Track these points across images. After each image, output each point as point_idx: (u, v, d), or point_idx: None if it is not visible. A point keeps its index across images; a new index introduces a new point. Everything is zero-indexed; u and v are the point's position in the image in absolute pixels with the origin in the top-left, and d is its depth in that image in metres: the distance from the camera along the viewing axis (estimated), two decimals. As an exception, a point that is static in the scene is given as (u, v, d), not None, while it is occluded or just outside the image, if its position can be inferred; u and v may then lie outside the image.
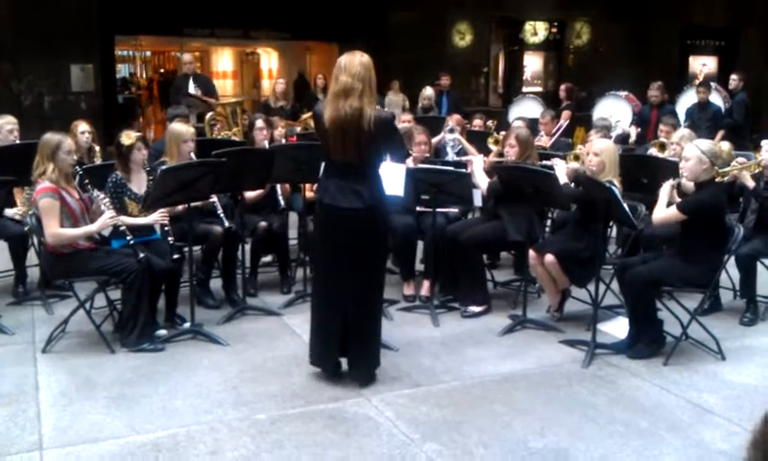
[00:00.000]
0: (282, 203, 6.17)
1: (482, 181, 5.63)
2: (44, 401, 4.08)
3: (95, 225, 4.77)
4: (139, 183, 5.19)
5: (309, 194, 6.03)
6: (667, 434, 3.78)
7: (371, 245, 4.13)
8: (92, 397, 4.13)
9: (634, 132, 9.30)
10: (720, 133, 8.85)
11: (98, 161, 6.63)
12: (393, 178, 4.94)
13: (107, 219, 4.75)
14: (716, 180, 4.90)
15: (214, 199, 5.36)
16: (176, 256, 5.07)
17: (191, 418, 3.88)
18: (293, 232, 6.66)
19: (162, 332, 5.00)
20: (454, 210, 6.09)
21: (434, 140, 6.98)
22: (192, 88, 9.36)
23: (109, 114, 11.93)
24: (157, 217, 5.02)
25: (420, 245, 6.22)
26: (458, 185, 5.46)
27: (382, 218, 4.20)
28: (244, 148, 6.35)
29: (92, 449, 3.56)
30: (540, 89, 14.99)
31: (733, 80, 10.77)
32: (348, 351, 4.26)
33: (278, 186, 6.09)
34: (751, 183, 5.61)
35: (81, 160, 5.70)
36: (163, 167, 5.00)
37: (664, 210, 4.80)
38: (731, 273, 5.77)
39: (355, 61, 3.98)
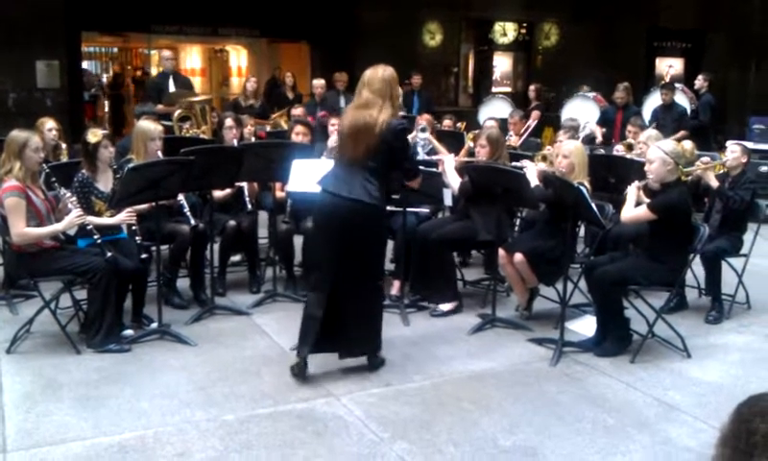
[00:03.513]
0: (249, 205, 6.13)
1: (453, 181, 5.65)
2: (8, 403, 4.01)
3: (62, 224, 4.70)
4: (106, 182, 5.13)
5: (279, 193, 6.01)
6: (634, 431, 3.83)
7: (371, 239, 4.25)
8: (58, 398, 4.07)
9: (599, 132, 9.39)
10: (681, 133, 8.97)
11: (64, 159, 6.54)
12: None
13: (73, 218, 4.68)
14: (681, 179, 4.98)
15: (181, 198, 5.31)
16: (143, 256, 5.02)
17: (158, 419, 3.85)
18: (262, 231, 6.62)
19: (129, 333, 4.94)
20: (424, 210, 6.10)
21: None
22: (172, 87, 9.26)
23: (75, 111, 11.76)
24: (125, 217, 4.97)
25: (390, 244, 6.23)
26: (429, 185, 5.47)
27: (383, 215, 4.36)
28: (213, 146, 6.31)
29: (58, 451, 3.51)
30: (509, 90, 15.08)
31: (698, 81, 10.94)
32: (339, 339, 4.32)
33: (245, 187, 6.05)
34: (715, 183, 5.70)
35: (46, 158, 5.62)
36: (130, 165, 4.95)
37: (634, 210, 4.86)
38: (696, 272, 5.87)
39: (377, 77, 4.19)
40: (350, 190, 4.11)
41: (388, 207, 5.80)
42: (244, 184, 6.00)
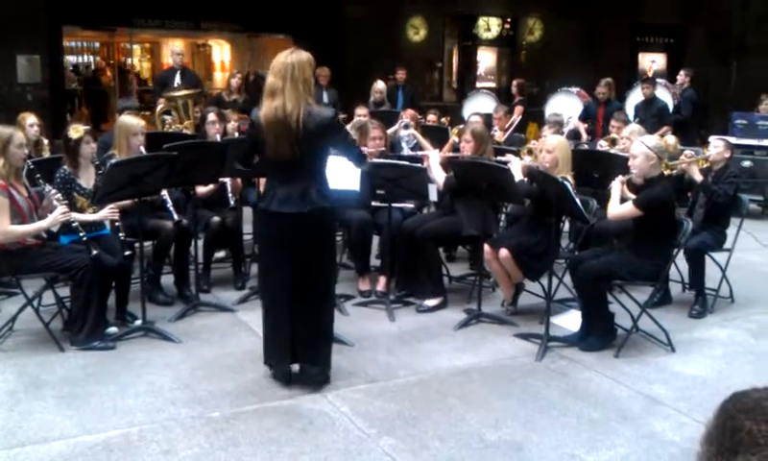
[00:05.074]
0: (232, 201, 6.11)
1: (439, 176, 5.65)
2: (-10, 402, 3.97)
3: (46, 221, 4.65)
4: (88, 178, 5.09)
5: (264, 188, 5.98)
6: (619, 425, 3.85)
7: (319, 247, 4.08)
8: (41, 396, 4.03)
9: (582, 127, 9.42)
10: (664, 128, 9.03)
11: (46, 155, 6.47)
12: (348, 172, 4.92)
13: (58, 215, 4.63)
14: (665, 172, 5.01)
15: (164, 193, 5.28)
16: (127, 253, 4.99)
17: (143, 417, 3.82)
18: (247, 227, 6.58)
19: (113, 330, 4.90)
20: (410, 205, 6.10)
21: (389, 132, 6.97)
22: (178, 82, 9.20)
23: (56, 106, 11.65)
24: (107, 213, 4.93)
25: (376, 240, 6.23)
26: (414, 180, 5.46)
27: (329, 219, 4.15)
28: (196, 141, 6.27)
29: (42, 450, 3.47)
30: (493, 85, 15.11)
31: (680, 76, 11.01)
32: (297, 354, 4.19)
33: (228, 184, 6.03)
34: (699, 178, 5.74)
35: (28, 154, 5.56)
36: (112, 161, 4.92)
37: (620, 206, 4.88)
38: (680, 266, 5.91)
39: (280, 59, 3.95)
40: (294, 204, 3.95)
41: (373, 203, 5.84)
42: (227, 180, 5.98)
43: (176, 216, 5.38)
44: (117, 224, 5.01)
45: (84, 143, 5.04)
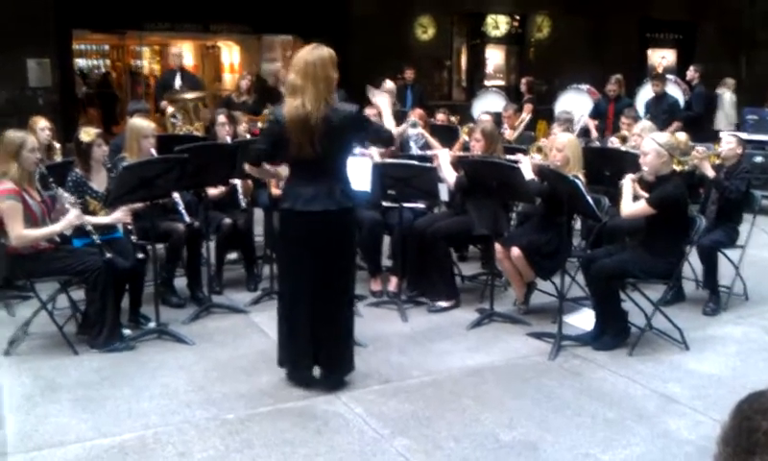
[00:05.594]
0: (243, 202, 6.12)
1: (449, 176, 5.64)
2: (8, 405, 3.99)
3: (60, 224, 4.67)
4: (100, 181, 5.11)
5: (275, 190, 5.97)
6: (634, 424, 3.84)
7: (342, 247, 4.09)
8: (57, 400, 4.05)
9: (591, 124, 9.39)
10: (675, 124, 8.98)
11: (58, 159, 6.50)
12: (358, 173, 4.93)
13: (72, 218, 4.65)
14: (677, 169, 4.98)
15: (175, 196, 5.30)
16: (139, 256, 5.01)
17: (158, 419, 3.83)
18: (258, 229, 6.61)
19: (127, 332, 4.92)
20: (421, 205, 6.10)
21: (398, 131, 6.98)
22: (178, 84, 9.23)
23: (67, 110, 11.69)
24: (120, 216, 4.94)
25: (387, 240, 6.22)
26: (424, 180, 5.47)
27: (352, 219, 4.17)
28: (207, 143, 6.30)
29: (58, 453, 3.49)
30: (502, 83, 15.06)
31: (690, 72, 10.94)
32: (319, 358, 4.18)
33: (239, 185, 6.04)
34: (711, 174, 5.71)
35: (40, 158, 5.58)
36: (124, 164, 4.94)
37: (633, 205, 4.86)
38: (693, 263, 5.88)
39: (301, 57, 3.93)
40: (322, 202, 3.95)
41: (384, 203, 5.84)
42: (238, 182, 5.99)
43: (187, 218, 5.39)
44: (129, 227, 5.03)
45: (96, 146, 5.05)
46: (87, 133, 5.06)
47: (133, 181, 4.68)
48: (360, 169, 5.22)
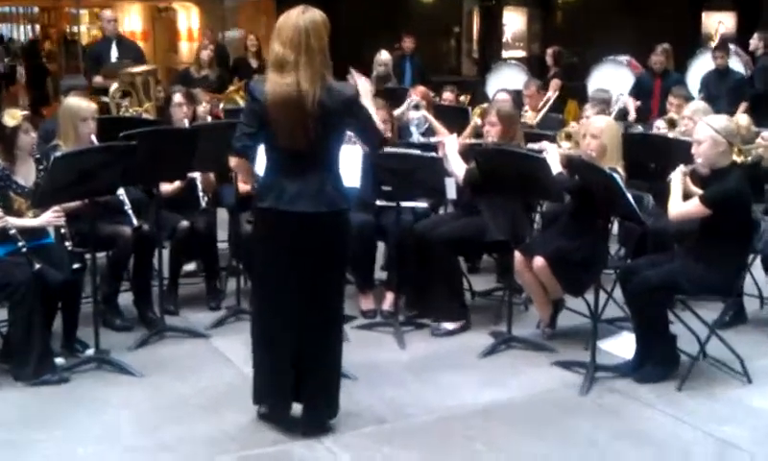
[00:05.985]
0: (204, 201, 6.10)
1: (457, 168, 5.64)
2: None
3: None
4: (27, 174, 5.09)
5: (243, 186, 5.97)
6: (684, 475, 3.85)
7: (334, 257, 4.09)
8: (-30, 445, 4.04)
9: (632, 105, 9.39)
10: (742, 106, 8.98)
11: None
12: (347, 164, 4.91)
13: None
14: (737, 160, 4.99)
15: (120, 193, 5.29)
16: (75, 266, 4.98)
17: (97, 469, 3.83)
18: (222, 233, 6.60)
19: (59, 361, 4.90)
20: (422, 204, 6.10)
21: (396, 114, 6.98)
22: (115, 56, 9.22)
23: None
24: (51, 217, 4.92)
25: (381, 247, 6.22)
26: (427, 173, 5.47)
27: (345, 223, 4.17)
28: (159, 128, 6.28)
29: (-29, 513, 3.48)
30: (522, 54, 15.12)
31: (754, 41, 10.93)
32: (301, 393, 4.17)
33: (198, 179, 6.04)
34: (780, 166, 5.72)
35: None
36: (57, 153, 4.92)
37: (682, 204, 4.86)
38: (757, 277, 5.88)
39: (289, 23, 3.89)
40: (308, 202, 3.95)
41: (378, 202, 5.83)
42: (197, 175, 5.99)
43: (135, 221, 5.37)
44: (63, 231, 5.00)
45: (23, 132, 5.03)
46: (11, 116, 5.02)
47: (69, 174, 4.66)
48: (348, 160, 5.20)
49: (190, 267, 6.57)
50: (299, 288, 4.01)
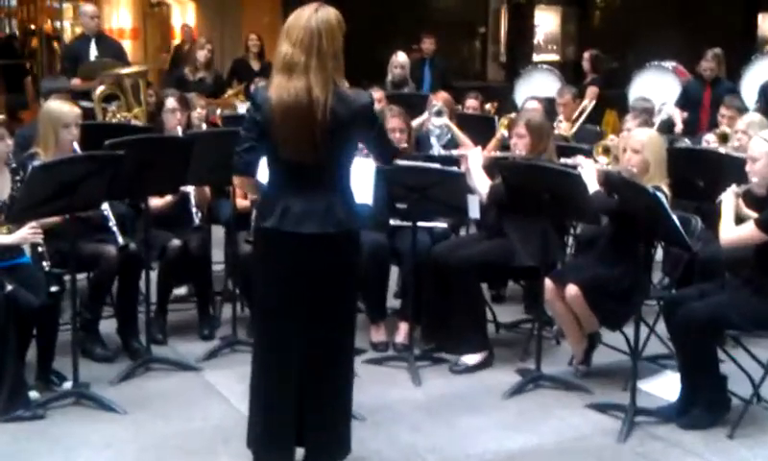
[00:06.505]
0: (197, 217, 6.12)
1: (481, 184, 5.64)
2: None
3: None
4: (1, 186, 5.12)
5: (241, 201, 6.00)
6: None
7: (344, 284, 4.06)
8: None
9: (678, 116, 9.37)
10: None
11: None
12: (358, 178, 4.91)
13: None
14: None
15: (105, 208, 5.32)
16: (53, 289, 4.99)
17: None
18: (217, 254, 6.61)
19: (33, 395, 4.90)
20: (442, 224, 6.10)
21: (413, 124, 6.99)
22: (94, 55, 9.28)
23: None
24: (27, 234, 4.93)
25: (395, 272, 6.21)
26: (447, 189, 5.48)
27: (356, 246, 4.14)
28: (150, 136, 6.31)
29: None
30: (556, 58, 15.13)
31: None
32: (305, 437, 4.12)
33: (192, 194, 6.06)
34: None
35: None
36: (36, 163, 4.96)
37: (735, 228, 4.84)
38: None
39: (300, 23, 3.88)
40: (317, 222, 3.92)
41: (392, 221, 5.83)
42: (191, 189, 6.02)
43: (120, 239, 5.39)
44: (41, 250, 5.02)
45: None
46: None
47: (49, 186, 4.68)
48: (359, 174, 5.21)
49: (181, 291, 6.61)
50: (304, 318, 3.98)
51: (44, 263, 5.00)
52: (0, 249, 4.91)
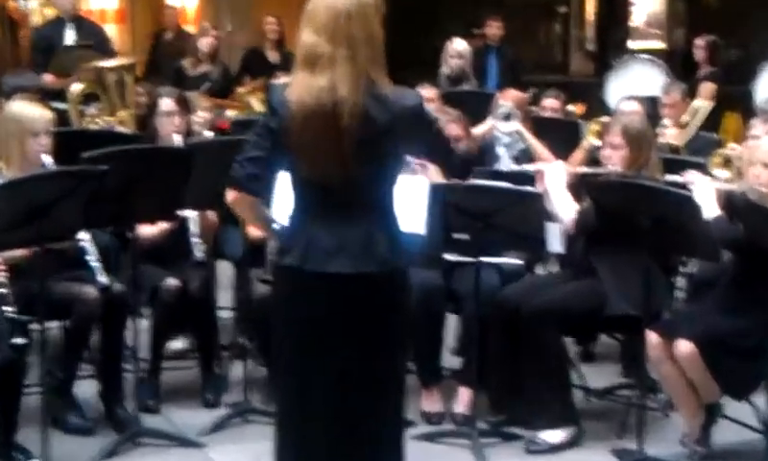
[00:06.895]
0: (200, 250, 6.15)
1: (563, 208, 5.63)
2: None
3: None
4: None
5: (255, 231, 6.01)
6: None
7: (386, 338, 4.01)
8: None
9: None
10: None
11: None
12: (406, 201, 4.91)
13: None
14: None
15: (82, 238, 5.36)
16: (16, 341, 5.02)
17: None
18: (224, 297, 6.63)
19: (-8, 477, 4.96)
20: (513, 261, 6.09)
21: (476, 133, 6.99)
22: (71, 40, 9.39)
23: None
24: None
25: (453, 321, 6.20)
26: (520, 215, 5.48)
27: (404, 289, 4.09)
28: (139, 147, 6.35)
29: None
30: (660, 45, 15.08)
31: None
32: None
33: (191, 219, 6.11)
34: None
35: None
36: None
37: None
38: None
39: (325, 3, 3.86)
40: (351, 259, 3.88)
41: (449, 256, 5.83)
42: (191, 214, 6.06)
43: (102, 277, 5.43)
44: (3, 291, 5.06)
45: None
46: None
47: (13, 209, 4.74)
48: (408, 194, 5.22)
49: (178, 344, 6.65)
50: (338, 382, 3.94)
51: (7, 308, 5.00)
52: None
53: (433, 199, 5.44)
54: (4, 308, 5.01)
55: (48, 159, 5.43)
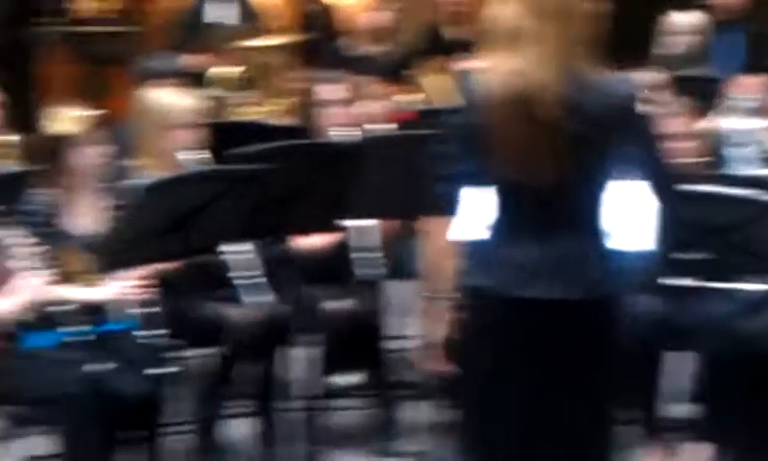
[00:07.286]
0: (372, 267, 6.28)
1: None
2: None
3: (6, 302, 4.96)
4: (85, 211, 5.37)
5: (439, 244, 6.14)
6: None
7: (597, 378, 3.98)
8: None
9: None
10: None
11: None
12: (630, 212, 4.98)
13: (33, 291, 4.93)
14: None
15: (229, 251, 5.41)
16: (156, 371, 5.12)
17: None
18: (398, 324, 6.71)
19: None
20: (759, 287, 6.09)
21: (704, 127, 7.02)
22: (217, 16, 9.68)
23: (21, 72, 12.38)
24: (123, 289, 5.12)
25: (680, 360, 6.23)
26: (756, 233, 5.49)
27: (618, 321, 4.03)
28: (297, 143, 6.40)
29: None
30: None
31: None
32: None
33: (357, 229, 6.18)
34: None
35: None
36: (145, 181, 5.17)
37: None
38: None
39: None
40: (554, 282, 3.87)
41: (673, 281, 5.86)
42: (359, 224, 6.15)
43: (258, 297, 5.47)
44: (154, 311, 5.15)
45: (82, 145, 5.33)
46: (68, 119, 5.36)
47: (158, 216, 4.91)
48: (628, 201, 5.25)
49: (340, 380, 6.73)
50: (538, 429, 3.96)
51: (158, 332, 5.12)
52: (86, 308, 5.11)
53: (667, 210, 5.46)
54: (156, 332, 5.12)
55: (189, 157, 5.60)
